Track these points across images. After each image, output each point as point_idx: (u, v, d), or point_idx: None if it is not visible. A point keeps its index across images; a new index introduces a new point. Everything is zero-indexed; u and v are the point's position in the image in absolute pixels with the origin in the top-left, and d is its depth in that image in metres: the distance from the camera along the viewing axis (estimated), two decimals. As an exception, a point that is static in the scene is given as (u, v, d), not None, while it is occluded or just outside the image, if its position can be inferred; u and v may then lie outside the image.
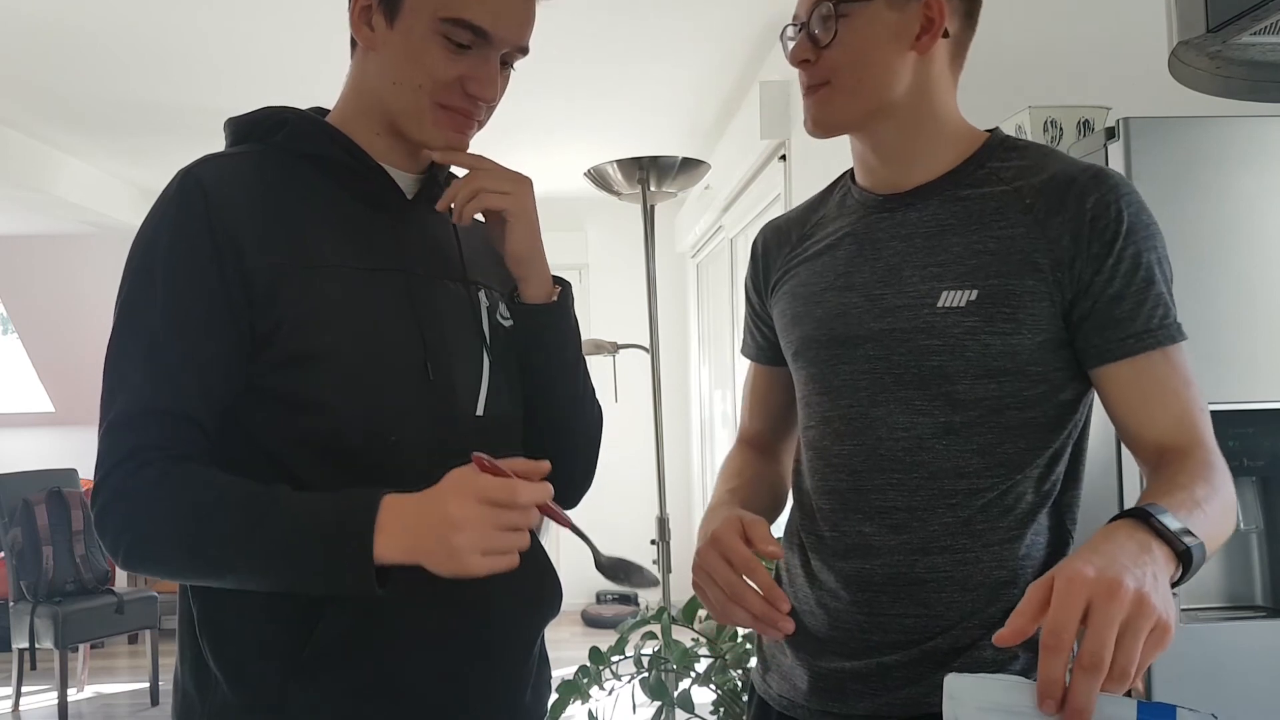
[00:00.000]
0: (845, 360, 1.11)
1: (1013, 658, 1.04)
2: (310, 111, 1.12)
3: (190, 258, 0.98)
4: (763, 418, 1.32)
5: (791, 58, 1.12)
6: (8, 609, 4.60)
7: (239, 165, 1.05)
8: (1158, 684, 1.78)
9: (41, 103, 4.27)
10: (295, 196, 1.04)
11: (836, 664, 1.10)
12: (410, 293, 1.06)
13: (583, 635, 5.66)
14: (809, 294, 1.17)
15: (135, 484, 0.95)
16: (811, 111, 1.13)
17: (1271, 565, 1.88)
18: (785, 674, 1.17)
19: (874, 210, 1.15)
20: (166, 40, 3.59)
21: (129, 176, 5.53)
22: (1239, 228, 1.83)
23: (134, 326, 1.00)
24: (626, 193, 3.02)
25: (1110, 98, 2.23)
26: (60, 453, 6.12)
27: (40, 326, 6.39)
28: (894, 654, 1.06)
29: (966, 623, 1.05)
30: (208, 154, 1.06)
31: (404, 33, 1.03)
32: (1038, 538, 1.07)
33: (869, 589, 1.08)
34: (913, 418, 1.06)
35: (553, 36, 3.60)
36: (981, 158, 1.12)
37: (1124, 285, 1.03)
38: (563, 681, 2.31)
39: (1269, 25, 0.98)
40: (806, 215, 1.25)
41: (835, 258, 1.16)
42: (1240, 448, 1.81)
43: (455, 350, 1.07)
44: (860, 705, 1.08)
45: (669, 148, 4.98)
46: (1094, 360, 1.04)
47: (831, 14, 1.07)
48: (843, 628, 1.10)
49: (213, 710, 1.01)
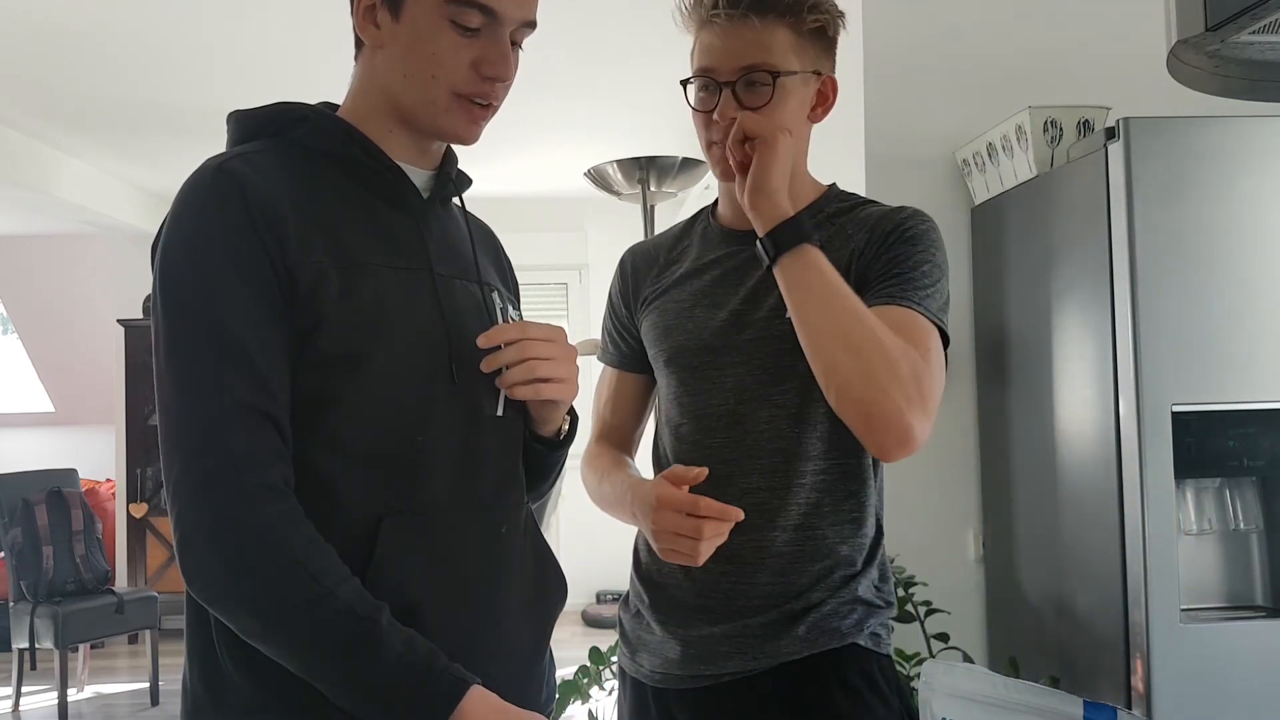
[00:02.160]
0: (714, 366, 1.31)
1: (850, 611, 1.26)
2: (322, 106, 1.10)
3: (244, 252, 0.95)
4: (620, 416, 1.49)
5: (721, 114, 1.27)
6: (8, 609, 4.60)
7: (265, 163, 1.01)
8: (1158, 684, 1.78)
9: (41, 103, 4.27)
10: (325, 195, 1.02)
11: (706, 630, 1.28)
12: (435, 292, 1.05)
13: (583, 635, 5.66)
14: (679, 310, 1.36)
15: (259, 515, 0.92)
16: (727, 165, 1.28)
17: (1271, 565, 1.88)
18: (654, 650, 1.33)
19: (734, 242, 1.35)
20: (166, 40, 3.59)
21: (129, 176, 5.53)
22: (1239, 227, 1.83)
23: (197, 327, 0.94)
24: (626, 193, 3.02)
25: (1110, 98, 2.23)
26: (60, 453, 6.13)
27: (40, 326, 6.39)
28: (757, 616, 1.27)
29: (815, 587, 1.27)
30: (227, 152, 1.04)
31: (411, 25, 1.02)
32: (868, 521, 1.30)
33: (737, 561, 1.26)
34: (772, 411, 1.28)
35: (553, 36, 3.60)
36: (821, 204, 1.34)
37: (887, 269, 1.25)
38: (563, 681, 2.31)
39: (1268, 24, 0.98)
40: (673, 243, 1.45)
41: (702, 280, 1.36)
42: (1240, 448, 1.81)
43: (476, 350, 1.06)
44: (729, 665, 1.27)
45: (669, 148, 4.97)
46: None
47: (769, 81, 1.25)
48: (711, 596, 1.29)
49: (227, 711, 0.99)
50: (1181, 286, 1.81)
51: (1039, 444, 2.14)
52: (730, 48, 1.25)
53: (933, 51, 2.47)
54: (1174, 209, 1.82)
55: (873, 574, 1.30)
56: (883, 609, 1.30)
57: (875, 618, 1.29)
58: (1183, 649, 1.78)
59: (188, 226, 0.97)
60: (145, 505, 5.89)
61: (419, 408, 1.02)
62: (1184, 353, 1.80)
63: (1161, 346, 1.80)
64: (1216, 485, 1.88)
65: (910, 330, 1.19)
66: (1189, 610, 1.84)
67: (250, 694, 0.97)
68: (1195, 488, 1.87)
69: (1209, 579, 1.90)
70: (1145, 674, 1.78)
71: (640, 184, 2.96)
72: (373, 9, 1.04)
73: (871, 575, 1.30)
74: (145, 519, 5.89)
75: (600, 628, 5.79)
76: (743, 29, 1.24)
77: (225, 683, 0.98)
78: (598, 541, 6.18)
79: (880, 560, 1.32)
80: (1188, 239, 1.82)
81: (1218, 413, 1.80)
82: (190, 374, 0.94)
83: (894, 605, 1.33)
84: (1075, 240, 2.00)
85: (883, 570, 1.33)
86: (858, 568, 1.29)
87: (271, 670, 0.95)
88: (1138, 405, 1.79)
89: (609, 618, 5.83)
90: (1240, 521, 1.88)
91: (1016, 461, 2.24)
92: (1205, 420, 1.79)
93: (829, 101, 1.33)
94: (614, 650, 2.40)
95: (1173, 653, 1.77)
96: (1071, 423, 2.01)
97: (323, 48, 3.52)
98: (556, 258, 6.25)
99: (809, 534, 1.27)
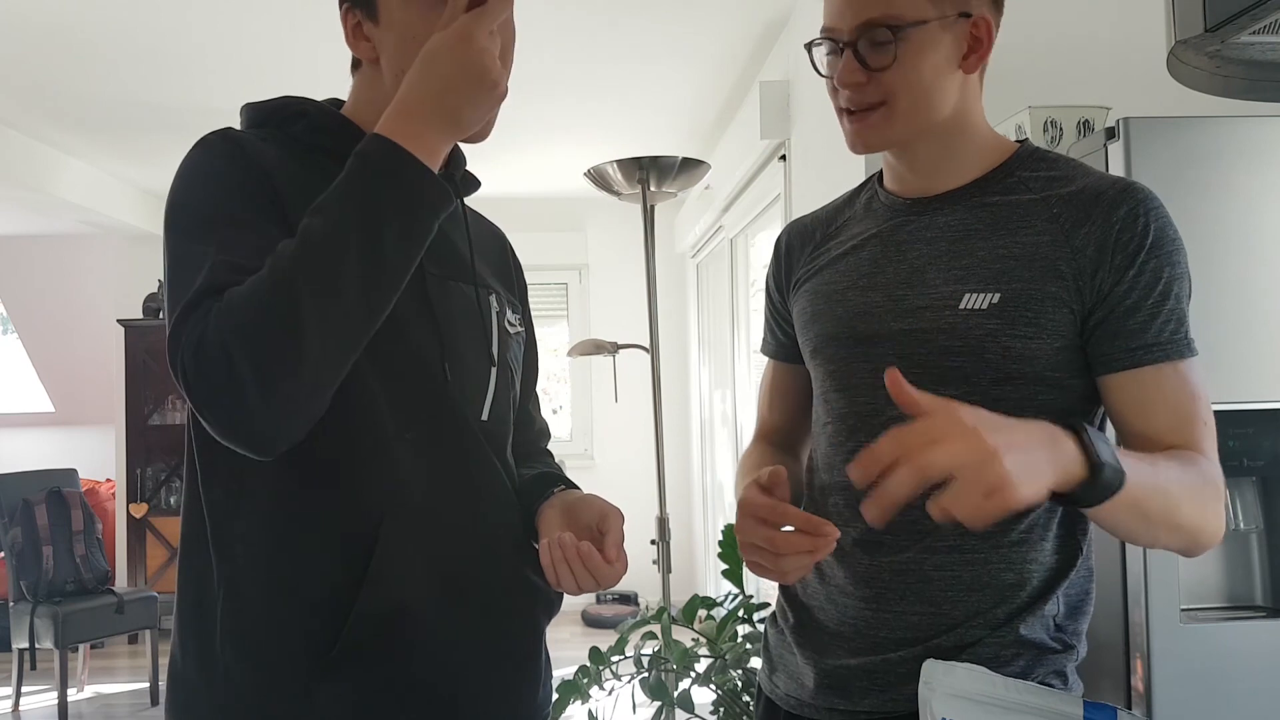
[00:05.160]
0: (864, 358, 1.12)
1: (1015, 656, 1.06)
2: (327, 103, 1.11)
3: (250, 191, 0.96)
4: (781, 413, 1.33)
5: (841, 79, 1.10)
6: (8, 609, 4.59)
7: (266, 147, 1.02)
8: (1158, 683, 1.78)
9: (41, 103, 4.27)
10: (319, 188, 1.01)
11: (842, 661, 1.12)
12: (428, 292, 1.06)
13: (583, 635, 5.66)
14: (831, 292, 1.18)
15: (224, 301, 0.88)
16: (863, 134, 1.12)
17: (1271, 565, 1.88)
18: (792, 673, 1.19)
19: (900, 214, 1.16)
20: (167, 41, 3.59)
21: (129, 176, 5.53)
22: (1239, 228, 1.83)
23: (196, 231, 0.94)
24: (626, 193, 3.02)
25: (1110, 98, 2.23)
26: (60, 453, 6.13)
27: (40, 326, 6.39)
28: (899, 650, 1.09)
29: (971, 622, 1.07)
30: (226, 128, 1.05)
31: (390, 21, 1.03)
32: (1046, 544, 1.08)
33: (877, 585, 1.10)
34: None
35: (553, 36, 3.60)
36: (1011, 166, 1.13)
37: (1141, 297, 1.04)
38: (563, 681, 2.31)
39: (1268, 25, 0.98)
40: (833, 216, 1.27)
41: (859, 258, 1.17)
42: (1240, 448, 1.80)
43: (466, 353, 1.08)
44: (865, 701, 1.10)
45: (669, 148, 4.98)
46: (1102, 368, 1.05)
47: (890, 38, 1.07)
48: (850, 624, 1.12)
49: (222, 700, 1.00)
50: (1181, 286, 1.81)
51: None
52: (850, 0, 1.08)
53: (933, 51, 2.47)
54: (1174, 209, 1.81)
55: (1050, 608, 1.07)
56: (1058, 653, 1.08)
57: (1045, 665, 1.07)
58: (1183, 649, 1.78)
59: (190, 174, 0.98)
60: (145, 505, 5.88)
61: (407, 406, 1.02)
62: (1184, 353, 1.80)
63: (1161, 346, 1.79)
64: (1216, 485, 1.88)
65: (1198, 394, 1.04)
66: (1189, 610, 1.84)
67: (244, 679, 0.98)
68: (1195, 488, 1.87)
69: (1209, 579, 1.89)
70: (1145, 674, 1.78)
71: (640, 184, 2.96)
72: (359, 25, 1.05)
73: (1047, 610, 1.07)
74: (145, 519, 5.88)
75: (600, 628, 5.79)
76: None
77: (220, 670, 0.99)
78: (598, 541, 6.18)
79: (1066, 592, 1.09)
80: (1187, 239, 1.81)
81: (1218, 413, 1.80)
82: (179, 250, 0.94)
83: (1076, 649, 1.10)
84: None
85: (1072, 605, 1.10)
86: (1024, 600, 1.07)
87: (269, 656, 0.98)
88: (1138, 405, 1.78)
89: (609, 618, 5.83)
90: (1240, 521, 1.88)
91: (1016, 461, 2.24)
92: (1205, 420, 1.79)
93: (984, 46, 1.11)
94: (614, 650, 2.40)
95: (1173, 653, 1.77)
96: (1071, 423, 2.01)
97: (322, 48, 3.52)
98: (556, 258, 6.25)
99: (967, 557, 1.07)
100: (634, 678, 2.45)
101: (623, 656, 2.44)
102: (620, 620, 4.17)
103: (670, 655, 2.47)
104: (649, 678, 2.44)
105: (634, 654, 2.49)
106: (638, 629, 2.56)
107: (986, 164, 1.14)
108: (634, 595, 6.13)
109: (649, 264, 3.06)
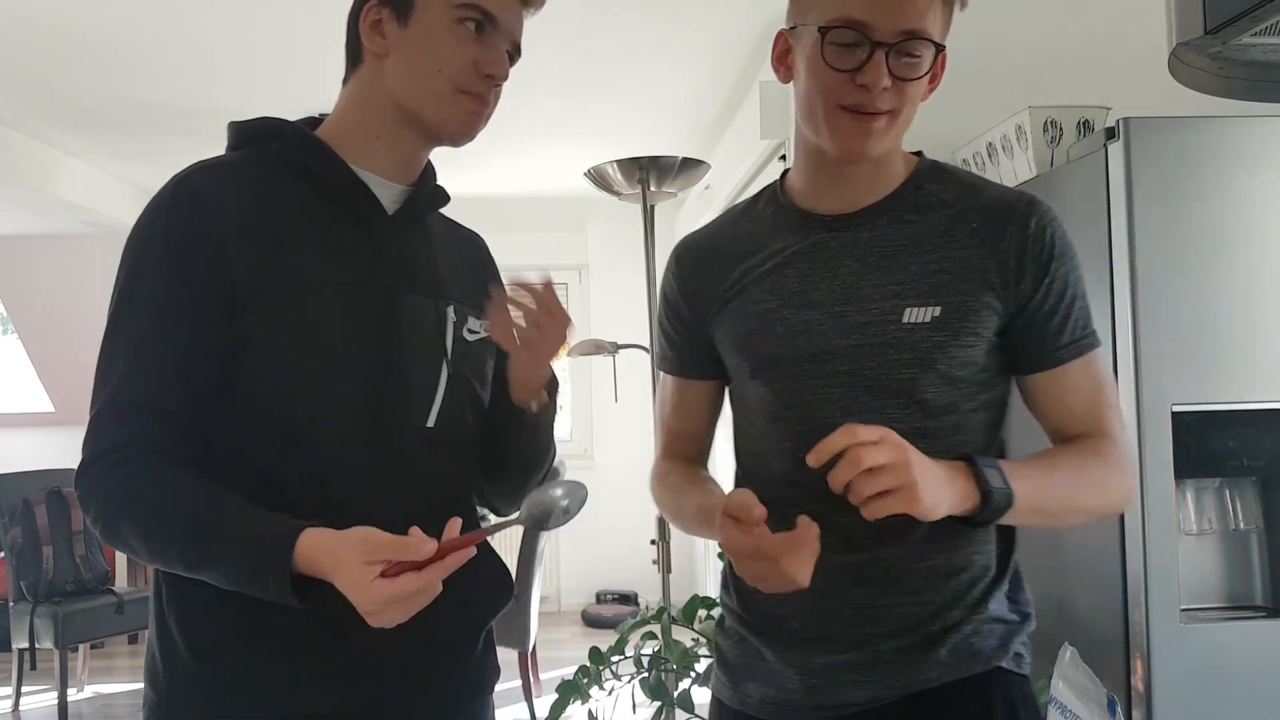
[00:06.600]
0: (814, 375, 1.16)
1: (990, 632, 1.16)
2: (303, 123, 1.19)
3: (180, 260, 1.06)
4: (694, 428, 1.34)
5: (869, 79, 1.08)
6: (8, 609, 4.59)
7: (232, 174, 1.12)
8: (1158, 683, 1.78)
9: (41, 103, 4.26)
10: (281, 208, 1.11)
11: (829, 658, 1.16)
12: (378, 306, 1.13)
13: (583, 635, 5.66)
14: (764, 312, 1.19)
15: (108, 483, 1.04)
16: (870, 137, 1.12)
17: (1271, 565, 1.88)
18: (768, 679, 1.20)
19: (819, 230, 1.19)
20: (167, 40, 3.58)
21: (129, 176, 5.52)
22: (1239, 227, 1.83)
23: (125, 322, 1.08)
24: (626, 193, 3.02)
25: (1110, 98, 2.23)
26: (60, 453, 6.10)
27: (40, 326, 6.38)
28: (889, 641, 1.14)
29: (953, 606, 1.15)
30: (204, 160, 1.14)
31: (419, 28, 1.12)
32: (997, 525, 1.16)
33: (862, 583, 1.15)
34: (889, 425, 1.08)
35: (553, 37, 3.60)
36: (918, 179, 1.20)
37: (1056, 302, 1.15)
38: (563, 681, 2.31)
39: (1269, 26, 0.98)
40: (734, 231, 1.27)
41: (786, 276, 1.19)
42: (1240, 448, 1.81)
43: (414, 362, 1.14)
44: (858, 694, 1.15)
45: (669, 148, 4.97)
46: (1028, 368, 1.18)
47: (920, 53, 1.09)
48: (835, 623, 1.16)
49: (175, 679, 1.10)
50: (1181, 287, 1.82)
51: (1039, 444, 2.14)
52: (900, 2, 1.07)
53: (933, 52, 2.47)
54: (1174, 209, 1.82)
55: (1005, 585, 1.18)
56: (1020, 624, 1.18)
57: (1015, 636, 1.17)
58: (1183, 649, 1.78)
59: (142, 230, 1.09)
60: (145, 505, 5.88)
61: (348, 415, 1.10)
62: (1184, 353, 1.80)
63: (1161, 346, 1.80)
64: (1216, 485, 1.88)
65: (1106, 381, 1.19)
66: (1189, 610, 1.84)
67: (192, 665, 1.09)
68: (1195, 488, 1.87)
69: (1209, 579, 1.90)
70: (1145, 674, 1.78)
71: (640, 184, 2.96)
72: (379, 22, 1.14)
73: (1004, 587, 1.18)
74: (145, 519, 5.88)
75: (600, 628, 5.79)
76: None
77: (176, 653, 1.10)
78: (598, 541, 6.19)
79: (1014, 568, 1.20)
80: (1188, 239, 1.82)
81: (1218, 413, 1.80)
82: (104, 357, 1.08)
83: (1031, 617, 1.20)
84: (1075, 240, 2.00)
85: (1016, 579, 1.21)
86: (991, 579, 1.17)
87: (207, 643, 1.08)
88: (1138, 405, 1.79)
89: (609, 618, 5.83)
90: (1240, 521, 1.88)
91: (1016, 461, 2.24)
92: (1205, 420, 1.79)
93: (939, 79, 1.15)
94: (614, 650, 2.40)
95: (1173, 653, 1.77)
96: (1072, 423, 2.01)
97: (322, 48, 3.51)
98: (556, 258, 6.25)
99: (941, 545, 1.14)
100: (634, 678, 2.45)
101: (623, 656, 2.44)
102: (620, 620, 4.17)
103: (670, 655, 2.47)
104: (649, 678, 2.44)
105: (634, 654, 2.49)
106: (638, 629, 2.56)
107: (896, 179, 1.19)
108: (634, 595, 6.13)
109: (649, 264, 3.06)
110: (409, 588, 0.94)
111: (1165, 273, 1.81)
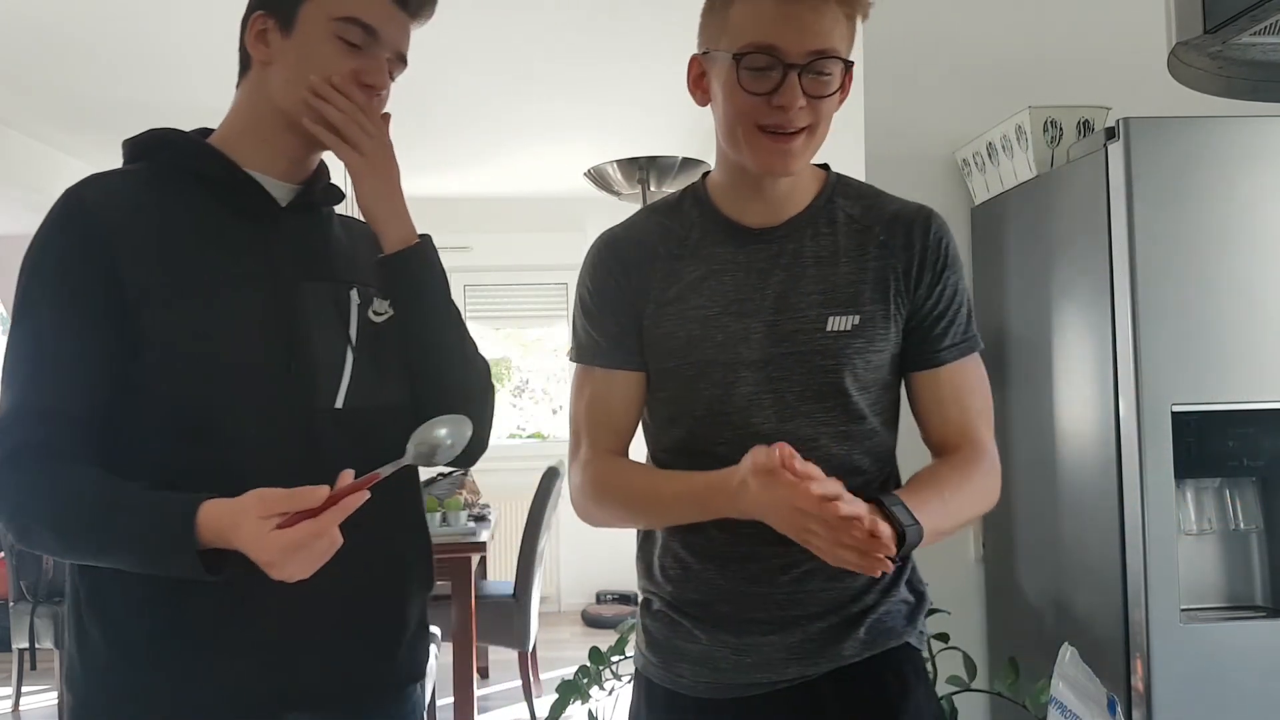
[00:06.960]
0: (748, 382, 1.24)
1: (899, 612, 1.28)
2: (194, 133, 1.24)
3: (72, 269, 1.11)
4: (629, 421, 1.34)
5: (785, 100, 1.15)
6: (8, 609, 4.59)
7: (121, 184, 1.17)
8: (1158, 683, 1.78)
9: (41, 103, 4.27)
10: (173, 211, 1.16)
11: (761, 639, 1.26)
12: (275, 296, 1.17)
13: (583, 635, 5.66)
14: (704, 318, 1.25)
15: (11, 486, 1.08)
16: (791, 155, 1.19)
17: (1271, 565, 1.88)
18: (700, 659, 1.28)
19: (750, 242, 1.27)
20: (166, 41, 3.58)
21: (129, 176, 5.53)
22: (1239, 228, 1.83)
23: (23, 331, 1.12)
24: (626, 193, 3.03)
25: (1110, 98, 2.23)
26: (60, 453, 6.11)
27: (40, 326, 6.39)
28: (816, 623, 1.26)
29: (870, 589, 1.27)
30: (95, 173, 1.19)
31: (300, 38, 1.17)
32: None
33: (790, 570, 1.24)
34: (816, 428, 1.24)
35: (553, 36, 3.60)
36: (830, 193, 1.29)
37: (945, 306, 1.26)
38: (563, 681, 2.31)
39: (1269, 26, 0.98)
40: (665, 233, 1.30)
41: (722, 284, 1.26)
42: (1240, 448, 1.81)
43: (317, 346, 1.18)
44: (789, 671, 1.26)
45: (669, 148, 4.97)
46: (915, 366, 1.28)
47: (831, 70, 1.17)
48: (766, 606, 1.26)
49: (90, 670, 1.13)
50: (1181, 287, 1.82)
51: (1039, 444, 2.14)
52: (807, 24, 1.13)
53: (933, 51, 2.47)
54: (1174, 209, 1.82)
55: (908, 571, 1.32)
56: (918, 602, 1.32)
57: (917, 614, 1.31)
58: (1183, 649, 1.78)
59: (36, 244, 1.15)
60: (145, 505, 5.88)
61: (253, 403, 1.13)
62: (1184, 353, 1.80)
63: (1161, 346, 1.80)
64: (1216, 485, 1.88)
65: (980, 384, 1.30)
66: (1189, 610, 1.84)
67: (105, 652, 1.12)
68: (1195, 488, 1.87)
69: (1209, 579, 1.90)
70: (1145, 674, 1.78)
71: (640, 184, 2.97)
72: (264, 31, 1.20)
73: (906, 573, 1.32)
74: (145, 519, 5.88)
75: (600, 628, 5.79)
76: (819, 6, 1.13)
77: (90, 643, 1.13)
78: (598, 541, 6.19)
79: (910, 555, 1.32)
80: (1188, 239, 1.82)
81: (1218, 413, 1.80)
82: (6, 365, 1.12)
83: (926, 595, 1.34)
84: (1075, 240, 2.00)
85: (912, 564, 1.34)
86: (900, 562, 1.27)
87: (118, 630, 1.12)
88: (1138, 405, 1.79)
89: (609, 618, 5.83)
90: (1240, 521, 1.88)
91: (1016, 461, 2.24)
92: (1205, 420, 1.80)
93: (848, 90, 1.22)
94: (614, 650, 2.40)
95: (1173, 653, 1.77)
96: (1071, 422, 2.01)
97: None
98: (556, 258, 6.24)
99: None
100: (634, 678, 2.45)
101: (623, 656, 2.43)
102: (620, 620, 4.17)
103: (670, 655, 2.47)
104: (649, 678, 2.44)
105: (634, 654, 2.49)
106: (638, 629, 2.56)
107: (810, 192, 1.28)
108: (634, 595, 6.12)
109: (649, 264, 3.06)
110: (305, 532, 0.99)
111: (1165, 273, 1.81)
